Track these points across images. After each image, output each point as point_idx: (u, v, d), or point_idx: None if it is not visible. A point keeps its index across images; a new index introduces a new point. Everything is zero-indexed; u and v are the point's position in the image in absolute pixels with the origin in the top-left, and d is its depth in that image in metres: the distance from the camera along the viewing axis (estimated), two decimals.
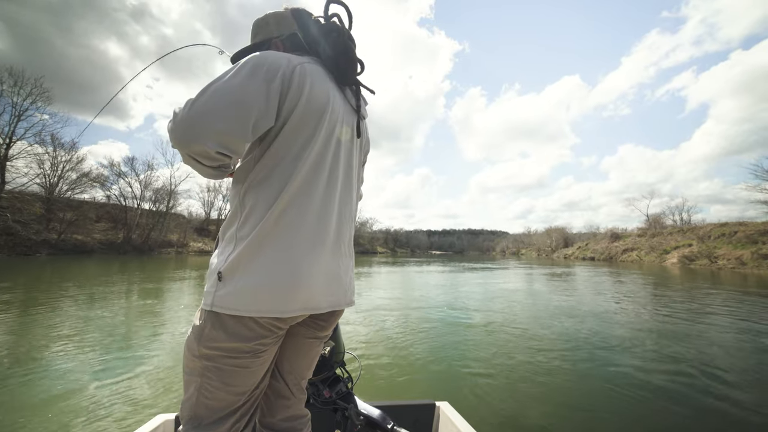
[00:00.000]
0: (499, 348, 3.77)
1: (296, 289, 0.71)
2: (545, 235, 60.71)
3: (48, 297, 6.25)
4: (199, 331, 0.72)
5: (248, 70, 0.68)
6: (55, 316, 4.81)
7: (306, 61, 0.77)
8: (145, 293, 7.27)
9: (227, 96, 0.65)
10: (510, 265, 23.63)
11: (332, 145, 0.80)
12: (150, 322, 4.62)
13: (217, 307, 0.69)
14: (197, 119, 0.64)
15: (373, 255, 51.81)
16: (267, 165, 0.74)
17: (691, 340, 4.17)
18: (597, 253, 39.62)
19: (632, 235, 38.77)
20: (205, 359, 0.72)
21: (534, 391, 2.65)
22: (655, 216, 39.04)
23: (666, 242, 30.96)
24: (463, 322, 5.10)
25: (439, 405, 1.40)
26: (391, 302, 6.80)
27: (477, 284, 10.53)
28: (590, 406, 2.44)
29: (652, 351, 3.69)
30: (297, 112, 0.73)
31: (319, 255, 0.75)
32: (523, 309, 6.23)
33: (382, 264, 22.33)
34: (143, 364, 3.05)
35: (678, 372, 3.09)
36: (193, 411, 0.74)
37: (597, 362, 3.33)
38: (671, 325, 4.93)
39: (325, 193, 0.78)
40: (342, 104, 0.84)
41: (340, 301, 0.82)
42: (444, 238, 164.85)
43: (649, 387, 2.76)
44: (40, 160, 25.39)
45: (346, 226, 0.86)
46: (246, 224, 0.72)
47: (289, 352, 0.89)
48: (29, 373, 2.80)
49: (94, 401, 2.32)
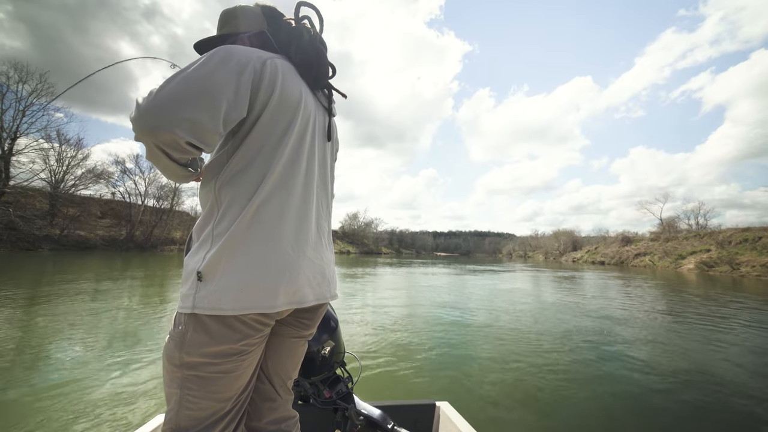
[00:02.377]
0: (500, 348, 3.72)
1: (281, 283, 0.69)
2: (553, 238, 59.92)
3: (50, 293, 6.17)
4: (180, 337, 0.67)
5: (217, 60, 0.65)
6: (56, 312, 4.71)
7: (276, 57, 0.75)
8: (148, 290, 7.18)
9: (196, 84, 0.61)
10: (516, 267, 23.17)
11: (307, 140, 0.79)
12: (151, 321, 4.55)
13: (198, 308, 0.65)
14: (165, 106, 0.59)
15: (377, 255, 51.46)
16: (243, 158, 0.71)
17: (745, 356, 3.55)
18: (607, 257, 38.61)
19: (644, 240, 37.61)
20: (186, 368, 0.67)
21: (535, 391, 2.63)
22: (669, 220, 37.65)
23: (681, 247, 29.74)
24: (464, 322, 5.04)
25: (439, 405, 1.39)
26: (392, 302, 6.73)
27: (479, 286, 10.36)
28: (591, 406, 2.43)
29: (674, 369, 3.14)
30: (271, 106, 0.71)
31: (303, 248, 0.74)
32: (525, 311, 6.11)
33: (386, 265, 21.89)
34: (144, 363, 2.98)
35: (704, 390, 2.74)
36: (175, 423, 0.69)
37: (600, 364, 3.26)
38: (702, 342, 4.29)
39: (303, 186, 0.77)
40: (313, 101, 0.83)
41: (324, 294, 0.81)
42: (450, 239, 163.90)
43: (657, 396, 2.63)
44: (45, 155, 25.58)
45: (325, 219, 0.87)
46: (223, 220, 0.68)
47: (273, 352, 0.87)
48: (30, 369, 2.78)
49: (95, 401, 2.28)
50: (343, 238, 66.19)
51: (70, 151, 27.09)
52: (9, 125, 23.15)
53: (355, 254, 55.06)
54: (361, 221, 73.22)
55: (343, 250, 56.96)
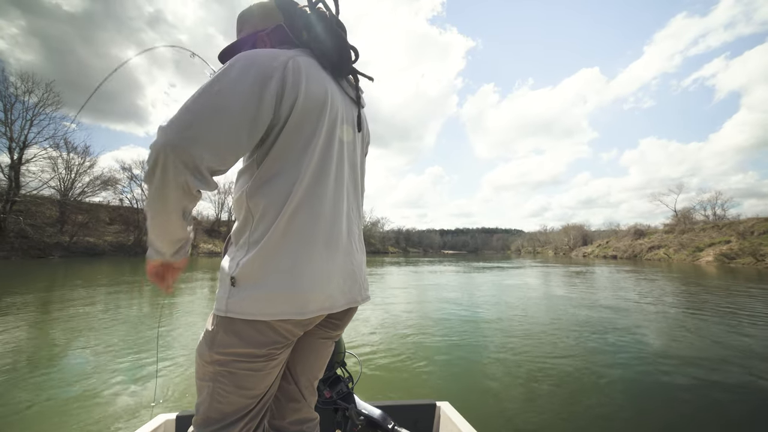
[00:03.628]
0: (500, 348, 3.66)
1: (313, 290, 0.70)
2: (562, 233, 58.89)
3: (63, 299, 6.24)
4: (211, 337, 0.71)
5: (236, 72, 0.63)
6: (67, 317, 4.78)
7: (297, 55, 0.72)
8: (156, 293, 7.20)
9: (214, 101, 0.60)
10: (525, 264, 22.62)
11: (335, 141, 0.77)
12: (156, 322, 4.62)
13: (231, 312, 0.67)
14: (183, 127, 0.57)
15: (384, 255, 51.20)
16: (271, 167, 0.71)
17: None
18: (619, 251, 37.60)
19: (658, 232, 36.49)
20: (217, 365, 0.71)
21: (536, 391, 2.58)
22: (684, 211, 36.40)
23: (698, 239, 28.66)
24: (465, 321, 4.99)
25: (439, 405, 1.39)
26: (393, 301, 6.66)
27: (484, 283, 10.12)
28: (591, 407, 2.37)
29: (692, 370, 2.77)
30: (296, 110, 0.69)
31: (334, 254, 0.75)
32: (529, 309, 5.94)
33: (391, 264, 21.63)
34: (147, 364, 2.99)
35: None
36: (205, 414, 0.73)
37: (603, 364, 3.17)
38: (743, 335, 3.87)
39: (334, 190, 0.77)
40: (340, 96, 0.81)
41: (356, 298, 0.82)
42: (457, 237, 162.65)
43: (664, 395, 2.52)
44: (54, 164, 25.97)
45: (356, 221, 0.86)
46: (258, 228, 0.70)
47: (301, 353, 0.88)
48: (34, 371, 2.82)
49: (96, 399, 2.31)
50: None
51: (78, 158, 27.51)
52: (18, 135, 23.56)
53: None
54: (367, 221, 73.06)
55: None
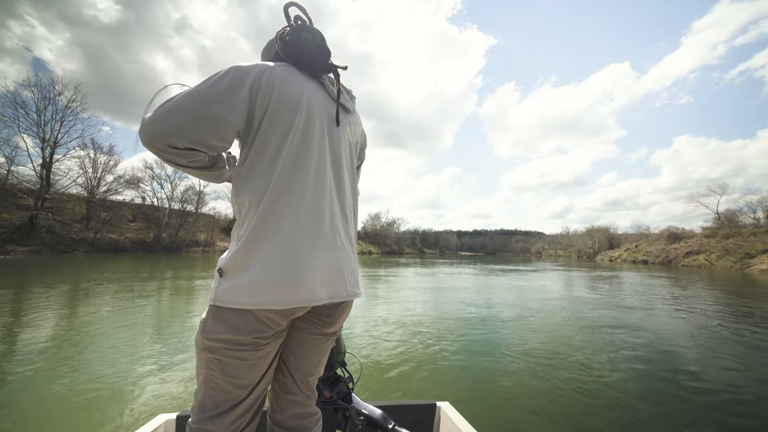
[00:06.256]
0: (501, 348, 3.67)
1: (292, 282, 0.73)
2: (586, 236, 56.07)
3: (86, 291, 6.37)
4: (203, 324, 0.77)
5: (218, 76, 0.72)
6: (79, 312, 4.87)
7: (275, 65, 0.80)
8: (175, 290, 7.40)
9: (194, 95, 0.70)
10: (545, 267, 21.28)
11: (314, 140, 0.81)
12: (167, 321, 4.59)
13: (218, 301, 0.73)
14: (166, 114, 0.68)
15: (399, 255, 50.48)
16: (250, 165, 0.77)
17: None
18: (651, 255, 35.06)
19: (696, 236, 33.62)
20: (208, 351, 0.76)
21: (536, 391, 2.57)
22: (729, 213, 33.00)
23: (748, 244, 25.98)
24: (465, 322, 5.00)
25: (440, 405, 1.40)
26: (394, 301, 6.61)
27: (495, 286, 9.80)
28: (591, 407, 2.34)
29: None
30: (270, 111, 0.76)
31: (315, 248, 0.77)
32: (536, 311, 5.76)
33: (404, 265, 20.98)
34: (147, 363, 2.99)
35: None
36: (201, 402, 0.78)
37: (605, 367, 3.17)
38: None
39: (314, 186, 0.79)
40: (321, 97, 0.86)
41: (340, 293, 0.82)
42: (475, 238, 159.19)
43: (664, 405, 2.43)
44: (81, 163, 27.17)
45: (343, 217, 0.88)
46: (243, 224, 0.76)
47: (294, 347, 0.90)
48: (35, 366, 2.83)
49: (96, 400, 2.29)
50: (365, 239, 65.83)
51: (103, 158, 28.66)
52: (49, 136, 24.79)
53: (377, 254, 54.43)
54: (383, 221, 72.59)
55: (365, 251, 56.47)
